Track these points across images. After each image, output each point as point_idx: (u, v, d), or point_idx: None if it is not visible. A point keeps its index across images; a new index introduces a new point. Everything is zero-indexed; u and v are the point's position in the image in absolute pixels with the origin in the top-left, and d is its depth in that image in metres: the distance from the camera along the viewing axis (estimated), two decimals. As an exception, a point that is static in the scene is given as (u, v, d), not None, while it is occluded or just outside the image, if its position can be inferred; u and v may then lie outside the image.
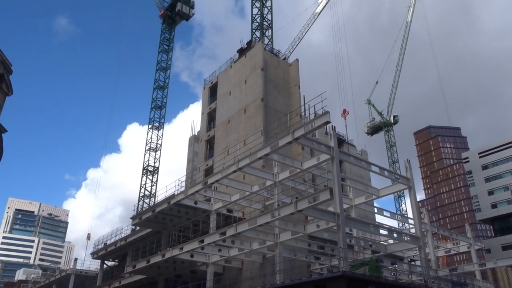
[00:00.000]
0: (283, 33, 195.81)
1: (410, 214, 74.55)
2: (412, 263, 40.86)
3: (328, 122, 26.52)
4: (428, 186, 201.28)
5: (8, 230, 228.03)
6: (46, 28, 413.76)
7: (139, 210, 67.83)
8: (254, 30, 63.50)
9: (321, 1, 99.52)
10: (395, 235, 31.95)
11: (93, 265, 62.59)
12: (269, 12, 65.34)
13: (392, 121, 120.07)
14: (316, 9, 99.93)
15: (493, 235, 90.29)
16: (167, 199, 37.40)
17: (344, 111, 57.58)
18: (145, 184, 77.73)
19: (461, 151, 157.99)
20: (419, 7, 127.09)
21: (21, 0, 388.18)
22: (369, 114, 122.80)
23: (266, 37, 62.25)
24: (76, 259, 64.55)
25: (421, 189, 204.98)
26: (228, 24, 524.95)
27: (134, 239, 48.07)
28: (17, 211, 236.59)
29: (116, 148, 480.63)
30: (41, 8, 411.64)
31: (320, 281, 23.28)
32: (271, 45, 59.81)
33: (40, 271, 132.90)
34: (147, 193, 76.92)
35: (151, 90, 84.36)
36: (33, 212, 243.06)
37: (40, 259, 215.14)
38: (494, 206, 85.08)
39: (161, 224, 41.48)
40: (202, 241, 31.81)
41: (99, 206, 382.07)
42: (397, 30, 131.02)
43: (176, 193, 37.42)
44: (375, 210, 41.35)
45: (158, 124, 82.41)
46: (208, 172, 48.34)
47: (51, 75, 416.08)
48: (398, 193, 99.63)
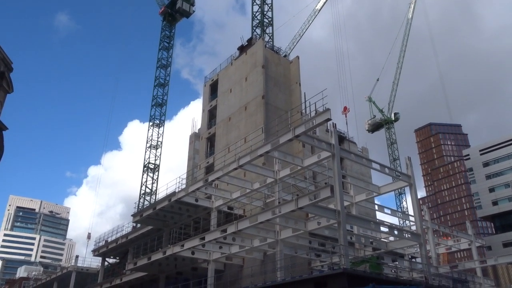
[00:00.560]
0: (283, 30, 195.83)
1: (411, 211, 74.57)
2: (413, 260, 40.87)
3: (329, 120, 26.49)
4: (429, 183, 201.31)
5: (9, 228, 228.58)
6: (46, 25, 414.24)
7: (140, 207, 67.85)
8: (254, 27, 63.46)
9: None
10: (396, 232, 31.95)
11: (94, 262, 62.83)
12: (270, 9, 65.30)
13: (393, 119, 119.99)
14: (316, 6, 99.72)
15: (494, 232, 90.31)
16: (168, 197, 37.43)
17: (345, 108, 57.56)
18: (146, 181, 77.84)
19: (462, 148, 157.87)
20: (420, 4, 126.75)
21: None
22: (370, 111, 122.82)
23: (266, 34, 62.20)
24: (77, 257, 64.65)
25: (422, 186, 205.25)
26: (228, 21, 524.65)
27: (135, 237, 48.14)
28: (18, 208, 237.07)
29: (116, 146, 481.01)
30: (41, 5, 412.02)
31: (321, 278, 23.29)
32: (271, 42, 59.76)
33: (42, 269, 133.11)
34: (148, 190, 77.02)
35: (151, 87, 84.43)
36: (34, 209, 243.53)
37: (41, 257, 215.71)
38: (495, 203, 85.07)
39: (162, 222, 41.54)
40: (203, 238, 31.86)
41: (100, 203, 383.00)
42: (398, 27, 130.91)
43: (177, 190, 37.46)
44: (376, 207, 41.37)
45: (158, 122, 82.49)
46: (209, 169, 48.36)
47: (51, 72, 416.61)
48: (399, 190, 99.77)
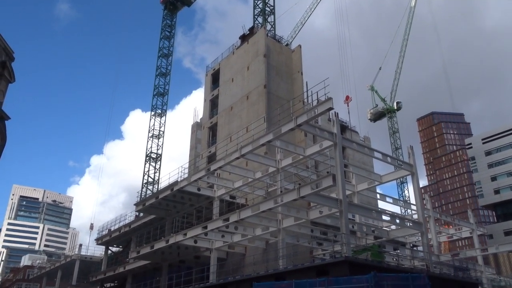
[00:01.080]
0: (285, 17, 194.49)
1: (412, 200, 74.88)
2: (414, 248, 41.07)
3: (331, 109, 26.44)
4: (431, 172, 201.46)
5: (13, 217, 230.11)
6: (47, 14, 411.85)
7: (142, 196, 68.25)
8: (256, 16, 62.97)
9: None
10: (397, 221, 32.09)
11: (98, 251, 63.38)
12: (272, -3, 64.67)
13: (395, 108, 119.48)
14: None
15: (496, 221, 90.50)
16: (170, 186, 37.60)
17: (347, 97, 57.39)
18: (148, 171, 78.06)
19: (464, 137, 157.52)
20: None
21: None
22: (372, 100, 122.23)
23: (268, 23, 61.75)
24: (80, 245, 65.30)
25: (424, 175, 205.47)
26: (230, 9, 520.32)
27: (138, 225, 48.48)
28: (22, 197, 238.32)
29: (119, 135, 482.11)
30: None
31: (323, 266, 23.46)
32: (273, 31, 59.38)
33: (46, 257, 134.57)
34: (150, 180, 77.27)
35: (153, 77, 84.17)
36: (38, 199, 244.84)
37: (45, 245, 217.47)
38: (497, 192, 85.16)
39: (164, 211, 41.77)
40: (206, 227, 32.08)
41: (102, 192, 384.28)
42: (401, 15, 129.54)
43: (179, 179, 37.62)
44: (378, 196, 41.44)
45: (160, 111, 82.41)
46: (211, 159, 48.46)
47: (52, 61, 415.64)
48: (401, 179, 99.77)
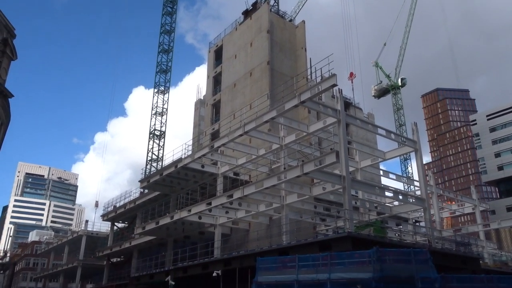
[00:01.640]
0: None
1: (416, 177, 75.05)
2: (417, 224, 41.43)
3: (335, 85, 26.26)
4: (435, 148, 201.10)
5: (19, 194, 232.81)
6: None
7: (147, 173, 68.66)
8: (259, -10, 61.84)
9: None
10: (400, 197, 32.27)
11: (104, 227, 64.29)
12: (275, -29, 63.40)
13: (400, 84, 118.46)
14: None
15: (499, 197, 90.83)
16: (175, 163, 37.80)
17: (351, 74, 56.81)
18: (152, 148, 78.24)
19: (469, 114, 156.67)
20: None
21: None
22: (377, 77, 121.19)
23: (272, -2, 60.69)
24: (87, 221, 66.24)
25: (427, 151, 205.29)
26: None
27: (143, 202, 48.98)
28: (27, 175, 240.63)
29: (122, 112, 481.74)
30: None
31: (326, 241, 23.75)
32: (277, 7, 58.41)
33: (53, 233, 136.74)
34: (154, 157, 77.52)
35: (156, 53, 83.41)
36: (43, 176, 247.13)
37: (52, 221, 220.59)
38: (500, 168, 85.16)
39: (169, 187, 42.11)
40: (210, 204, 32.40)
41: (107, 169, 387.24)
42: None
43: (183, 157, 37.78)
44: (381, 172, 41.56)
45: (163, 88, 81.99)
46: (215, 136, 48.52)
47: (54, 37, 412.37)
48: (404, 156, 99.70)
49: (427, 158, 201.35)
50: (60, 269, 67.79)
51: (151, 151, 78.00)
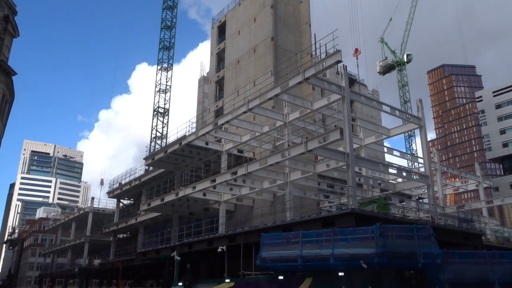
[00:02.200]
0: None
1: (420, 154, 74.96)
2: (420, 201, 41.61)
3: (340, 61, 25.98)
4: (439, 125, 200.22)
5: (25, 171, 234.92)
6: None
7: (151, 151, 68.96)
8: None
9: None
10: (404, 174, 32.30)
11: (110, 204, 65.02)
12: None
13: (405, 60, 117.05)
14: None
15: (503, 174, 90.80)
16: (179, 140, 37.90)
17: (356, 50, 56.17)
18: (156, 125, 78.32)
19: (474, 90, 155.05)
20: None
21: None
22: (382, 52, 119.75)
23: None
24: (93, 198, 66.94)
25: (432, 128, 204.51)
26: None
27: (148, 179, 49.36)
28: (33, 152, 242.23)
29: (126, 89, 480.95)
30: None
31: (329, 218, 23.93)
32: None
33: (59, 210, 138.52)
34: (158, 134, 77.69)
35: (159, 29, 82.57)
36: (49, 153, 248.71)
37: (59, 198, 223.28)
38: (505, 145, 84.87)
39: (173, 165, 42.35)
40: (214, 181, 32.60)
41: (112, 147, 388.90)
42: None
43: (187, 134, 37.83)
44: (385, 149, 41.52)
45: (167, 65, 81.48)
46: (218, 113, 48.44)
47: (56, 14, 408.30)
48: (409, 132, 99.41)
49: (431, 135, 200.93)
50: (68, 245, 68.99)
51: (155, 128, 78.12)
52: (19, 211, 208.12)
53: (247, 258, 26.29)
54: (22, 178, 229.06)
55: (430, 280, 20.57)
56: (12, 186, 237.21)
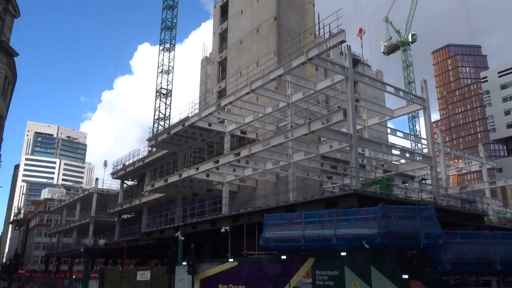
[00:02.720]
0: None
1: (423, 135, 74.83)
2: (423, 182, 41.67)
3: (343, 42, 25.65)
4: (444, 106, 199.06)
5: (30, 152, 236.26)
6: None
7: (154, 132, 69.06)
8: None
9: None
10: (407, 155, 32.26)
11: (114, 184, 65.51)
12: None
13: (410, 40, 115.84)
14: None
15: (506, 155, 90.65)
16: (182, 121, 37.87)
17: (360, 30, 55.55)
18: (159, 106, 78.26)
19: (480, 71, 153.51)
20: None
21: None
22: (387, 32, 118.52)
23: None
24: (97, 179, 67.42)
25: (436, 109, 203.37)
26: None
27: (151, 160, 49.58)
28: (37, 134, 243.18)
29: (128, 70, 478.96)
30: None
31: (332, 198, 24.01)
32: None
33: (64, 190, 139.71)
34: (161, 115, 77.69)
35: (160, 8, 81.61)
36: (52, 135, 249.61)
37: (63, 179, 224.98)
38: (509, 126, 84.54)
39: (176, 146, 42.45)
40: (217, 162, 32.69)
41: (115, 128, 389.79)
42: None
43: (190, 115, 37.78)
44: (388, 130, 41.41)
45: (169, 46, 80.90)
46: (221, 94, 48.26)
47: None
48: (413, 113, 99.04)
49: (435, 116, 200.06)
50: (73, 225, 69.80)
51: (158, 109, 78.09)
52: (24, 192, 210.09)
53: (250, 238, 26.52)
54: (27, 159, 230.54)
55: (432, 260, 20.73)
56: (16, 167, 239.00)
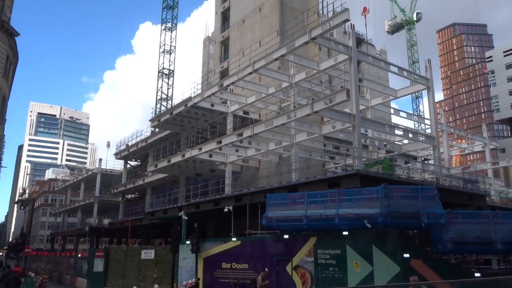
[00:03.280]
0: None
1: (427, 115, 74.52)
2: (426, 162, 41.70)
3: (347, 21, 25.34)
4: (448, 86, 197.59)
5: (33, 133, 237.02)
6: None
7: (157, 112, 68.99)
8: None
9: None
10: (410, 135, 32.22)
11: (117, 165, 65.84)
12: None
13: (415, 19, 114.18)
14: None
15: (510, 135, 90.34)
16: (184, 102, 37.80)
17: (365, 9, 54.79)
18: (162, 87, 77.94)
19: (485, 50, 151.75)
20: None
21: None
22: (391, 11, 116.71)
23: None
24: (100, 159, 67.64)
25: (440, 89, 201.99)
26: None
27: (154, 140, 49.67)
28: (40, 114, 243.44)
29: (129, 50, 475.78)
30: None
31: (334, 178, 24.11)
32: None
33: (68, 171, 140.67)
34: (164, 96, 77.46)
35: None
36: (55, 115, 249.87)
37: (67, 160, 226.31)
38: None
39: (179, 126, 42.47)
40: (220, 142, 32.75)
41: (118, 108, 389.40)
42: None
43: (192, 95, 37.68)
44: (392, 111, 41.25)
45: (171, 25, 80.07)
46: (224, 74, 48.00)
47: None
48: (416, 94, 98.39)
49: (439, 96, 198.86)
50: (77, 205, 70.50)
51: (160, 90, 77.79)
52: (28, 173, 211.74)
53: (253, 218, 26.77)
54: (30, 140, 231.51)
55: (433, 239, 20.93)
56: (20, 147, 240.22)
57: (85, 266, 39.48)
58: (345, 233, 20.80)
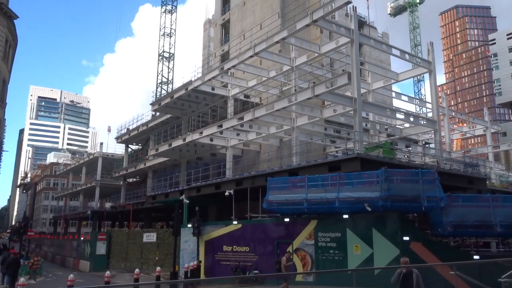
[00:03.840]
0: None
1: (428, 99, 74.17)
2: (427, 146, 41.70)
3: (349, 3, 25.07)
4: (450, 69, 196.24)
5: (34, 117, 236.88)
6: None
7: (158, 96, 68.77)
8: None
9: None
10: (411, 119, 32.14)
11: (118, 149, 65.93)
12: None
13: (418, 1, 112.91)
14: None
15: (511, 119, 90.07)
16: (185, 85, 37.64)
17: (367, -10, 53.78)
18: (162, 70, 77.52)
19: (488, 33, 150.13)
20: None
21: None
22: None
23: None
24: (101, 143, 67.70)
25: (442, 72, 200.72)
26: None
27: (155, 124, 49.64)
28: (40, 98, 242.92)
29: (129, 32, 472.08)
30: None
31: (335, 162, 24.16)
32: None
33: (69, 155, 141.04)
34: (164, 79, 77.09)
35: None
36: (55, 99, 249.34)
37: (68, 144, 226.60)
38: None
39: (180, 110, 42.37)
40: (221, 126, 32.73)
41: (118, 92, 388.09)
42: None
43: (193, 79, 37.50)
44: (393, 94, 41.06)
45: (171, 7, 79.24)
46: (224, 57, 47.68)
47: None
48: (418, 77, 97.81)
49: (441, 80, 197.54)
50: (79, 189, 70.88)
51: (161, 73, 77.40)
52: (30, 156, 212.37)
53: (254, 201, 26.93)
54: (31, 124, 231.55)
55: (433, 222, 21.08)
56: (21, 131, 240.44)
57: (87, 249, 39.91)
58: (345, 216, 20.94)
